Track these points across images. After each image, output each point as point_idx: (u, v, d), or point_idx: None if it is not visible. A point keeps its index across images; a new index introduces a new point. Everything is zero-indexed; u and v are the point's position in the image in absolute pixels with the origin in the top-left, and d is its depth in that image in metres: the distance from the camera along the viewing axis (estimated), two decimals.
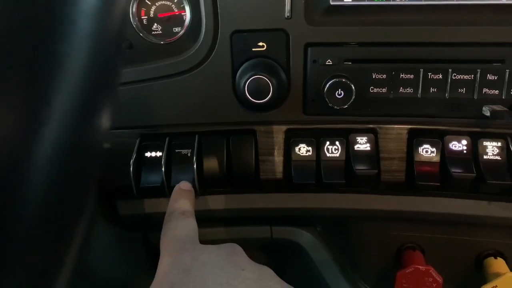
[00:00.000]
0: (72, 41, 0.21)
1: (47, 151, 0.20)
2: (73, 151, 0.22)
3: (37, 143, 0.20)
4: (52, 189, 0.21)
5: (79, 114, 0.22)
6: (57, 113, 0.21)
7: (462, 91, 0.53)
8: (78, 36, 0.22)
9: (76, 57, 0.22)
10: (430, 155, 0.56)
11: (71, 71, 0.21)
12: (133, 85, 0.55)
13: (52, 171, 0.21)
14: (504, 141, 0.55)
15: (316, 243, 0.67)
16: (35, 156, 0.20)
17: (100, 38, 0.24)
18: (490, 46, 0.51)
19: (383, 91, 0.54)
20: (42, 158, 0.20)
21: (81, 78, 0.22)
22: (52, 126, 0.21)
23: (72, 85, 0.22)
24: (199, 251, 0.41)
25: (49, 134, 0.20)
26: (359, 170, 0.55)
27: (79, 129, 0.23)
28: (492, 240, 0.62)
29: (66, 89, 0.21)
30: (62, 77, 0.21)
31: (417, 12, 0.52)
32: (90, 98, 0.23)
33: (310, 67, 0.53)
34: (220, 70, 0.54)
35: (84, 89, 0.22)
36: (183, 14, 0.55)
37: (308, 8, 0.52)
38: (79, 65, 0.22)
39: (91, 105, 0.24)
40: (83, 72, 0.22)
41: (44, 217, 0.21)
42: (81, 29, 0.22)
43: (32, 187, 0.20)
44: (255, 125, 0.57)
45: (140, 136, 0.57)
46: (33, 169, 0.20)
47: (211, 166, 0.57)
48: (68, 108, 0.21)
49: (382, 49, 0.53)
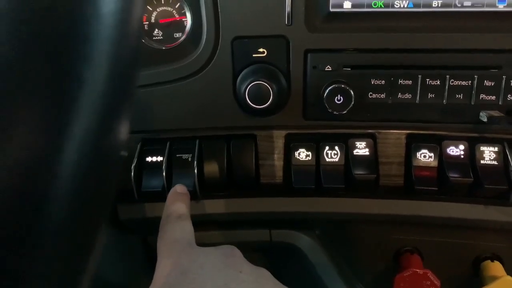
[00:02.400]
0: (93, 54, 0.22)
1: (70, 164, 0.21)
2: (94, 162, 0.23)
3: (61, 156, 0.21)
4: (75, 201, 0.22)
5: (100, 127, 0.23)
6: (79, 127, 0.21)
7: (459, 97, 0.53)
8: (99, 50, 0.22)
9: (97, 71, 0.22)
10: (428, 160, 0.56)
11: (92, 85, 0.22)
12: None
13: (75, 183, 0.21)
14: (501, 146, 0.55)
15: (315, 247, 0.67)
16: (58, 169, 0.20)
17: (120, 53, 0.24)
18: (487, 53, 0.52)
19: (381, 96, 0.54)
20: (66, 171, 0.21)
21: (102, 93, 0.23)
22: (75, 139, 0.21)
23: (93, 100, 0.22)
24: (197, 253, 0.42)
25: (72, 147, 0.21)
26: (358, 175, 0.56)
27: (100, 141, 0.23)
28: (489, 244, 0.63)
29: (88, 104, 0.22)
30: (84, 93, 0.22)
31: (415, 19, 0.52)
32: (110, 111, 0.24)
33: (310, 73, 0.54)
34: (221, 76, 0.55)
35: (105, 103, 0.23)
36: (184, 20, 0.56)
37: (308, 15, 0.52)
38: (100, 78, 0.23)
39: (111, 118, 0.24)
40: (104, 86, 0.23)
41: (67, 228, 0.22)
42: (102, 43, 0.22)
43: (56, 199, 0.20)
44: (256, 130, 0.58)
45: (141, 141, 0.58)
46: (57, 182, 0.20)
47: (212, 170, 0.57)
48: (90, 121, 0.22)
49: (381, 56, 0.53)
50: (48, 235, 0.20)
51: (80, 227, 0.23)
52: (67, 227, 0.22)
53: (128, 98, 0.26)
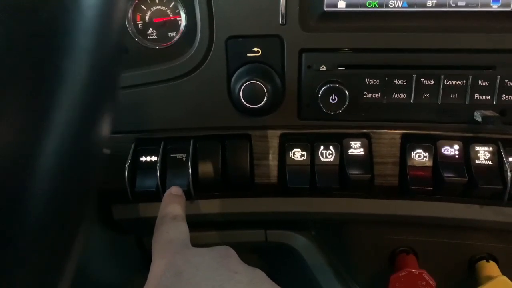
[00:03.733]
0: (74, 49, 0.22)
1: (49, 159, 0.21)
2: (74, 158, 0.23)
3: (39, 151, 0.20)
4: (54, 196, 0.21)
5: (81, 122, 0.23)
6: (59, 122, 0.21)
7: (454, 97, 0.53)
8: (80, 44, 0.22)
9: (78, 65, 0.22)
10: (422, 160, 0.56)
11: (72, 80, 0.22)
12: (128, 90, 0.55)
13: (54, 179, 0.21)
14: (495, 146, 0.55)
15: (310, 247, 0.67)
16: (37, 164, 0.20)
17: (101, 45, 0.24)
18: (481, 53, 0.52)
19: (376, 96, 0.54)
20: (45, 166, 0.21)
21: (83, 87, 0.22)
22: (54, 134, 0.21)
23: (73, 94, 0.22)
24: (192, 254, 0.42)
25: (51, 142, 0.21)
26: (353, 175, 0.56)
27: (81, 137, 0.23)
28: (484, 244, 0.63)
29: (68, 99, 0.22)
30: (64, 87, 0.21)
31: (410, 19, 0.52)
32: (91, 106, 0.24)
33: (305, 72, 0.54)
34: (215, 75, 0.55)
35: (85, 98, 0.23)
36: (179, 19, 0.56)
37: (303, 14, 0.52)
38: (81, 73, 0.22)
39: (92, 113, 0.24)
40: (84, 80, 0.23)
41: (46, 224, 0.22)
42: (83, 37, 0.22)
43: (35, 194, 0.20)
44: (250, 130, 0.58)
45: (135, 141, 0.58)
46: (35, 176, 0.20)
47: (206, 170, 0.57)
48: (70, 116, 0.22)
49: (376, 55, 0.53)
50: (26, 230, 0.20)
51: (60, 223, 0.23)
52: (45, 222, 0.21)
53: (110, 94, 0.26)
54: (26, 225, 0.20)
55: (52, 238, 0.22)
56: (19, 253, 0.20)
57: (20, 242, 0.20)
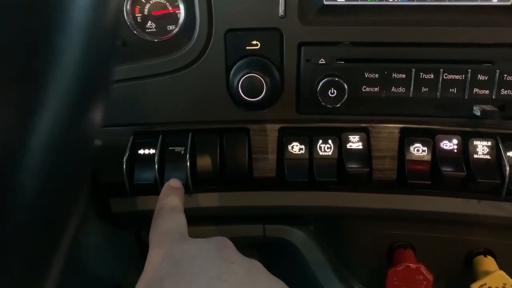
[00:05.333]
0: (65, 39, 0.22)
1: (39, 149, 0.21)
2: (65, 148, 0.23)
3: (29, 140, 0.20)
4: (44, 185, 0.21)
5: (72, 112, 0.23)
6: (49, 110, 0.21)
7: (453, 91, 0.53)
8: (71, 35, 0.22)
9: (69, 55, 0.22)
10: (421, 154, 0.56)
11: (63, 69, 0.22)
12: (127, 83, 0.55)
13: (44, 168, 0.21)
14: (494, 141, 0.55)
15: (308, 242, 0.67)
16: (27, 153, 0.20)
17: (93, 36, 0.24)
18: (480, 47, 0.52)
19: (375, 90, 0.54)
20: (34, 155, 0.20)
21: (74, 76, 0.22)
22: (45, 123, 0.21)
23: (64, 83, 0.22)
24: (189, 244, 0.41)
25: (41, 131, 0.21)
26: (351, 169, 0.56)
27: (72, 127, 0.23)
28: (482, 239, 0.63)
29: (59, 87, 0.21)
30: (55, 76, 0.21)
31: (409, 13, 0.52)
32: (83, 96, 0.23)
33: (304, 66, 0.54)
34: (214, 68, 0.54)
35: (77, 87, 0.23)
36: (177, 12, 0.55)
37: (302, 8, 0.52)
38: (72, 63, 0.22)
39: (83, 103, 0.24)
40: (76, 70, 0.22)
41: (36, 213, 0.21)
42: (74, 28, 0.22)
43: (24, 183, 0.20)
44: (249, 124, 0.58)
45: (134, 134, 0.57)
46: (25, 165, 0.20)
47: (204, 164, 0.57)
48: (61, 105, 0.22)
49: (375, 49, 0.53)
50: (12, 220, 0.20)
51: (48, 214, 0.23)
52: (33, 213, 0.21)
53: (104, 80, 0.26)
54: (14, 213, 0.20)
55: (40, 227, 0.22)
56: (5, 240, 0.20)
57: (6, 229, 0.20)
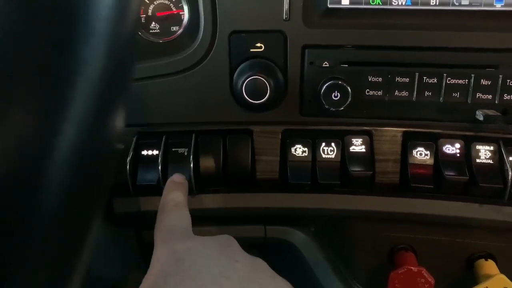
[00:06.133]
0: (91, 37, 0.22)
1: (64, 153, 0.21)
2: (90, 150, 0.23)
3: (56, 142, 0.20)
4: (68, 189, 0.21)
5: (97, 114, 0.23)
6: (76, 113, 0.21)
7: (456, 95, 0.53)
8: (97, 33, 0.22)
9: (95, 54, 0.22)
10: (424, 158, 0.56)
11: (90, 69, 0.22)
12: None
13: (69, 171, 0.21)
14: (496, 145, 0.55)
15: (310, 243, 0.67)
16: (53, 157, 0.20)
17: (118, 34, 0.24)
18: (484, 52, 0.52)
19: (378, 93, 0.54)
20: (60, 160, 0.20)
21: (100, 77, 0.22)
22: (71, 125, 0.21)
23: (88, 88, 0.22)
24: (194, 242, 0.42)
25: (68, 133, 0.21)
26: (354, 172, 0.56)
27: (97, 129, 0.23)
28: (483, 242, 0.63)
29: (83, 95, 0.21)
30: (81, 77, 0.21)
31: (413, 17, 0.52)
32: (106, 100, 0.24)
33: (307, 68, 0.54)
34: (217, 70, 0.55)
35: (100, 94, 0.23)
36: (181, 14, 0.55)
37: (306, 10, 0.52)
38: (98, 63, 0.22)
39: (106, 108, 0.24)
40: (101, 70, 0.22)
41: (60, 217, 0.22)
42: (99, 25, 0.22)
43: (51, 185, 0.20)
44: (252, 125, 0.58)
45: (137, 134, 0.58)
46: (51, 169, 0.20)
47: (208, 165, 0.57)
48: (87, 107, 0.22)
49: (378, 53, 0.53)
50: (39, 224, 0.20)
51: (73, 218, 0.23)
52: (59, 217, 0.21)
53: (125, 84, 0.26)
54: (39, 217, 0.20)
55: (64, 234, 0.22)
56: (29, 247, 0.20)
57: (32, 236, 0.20)
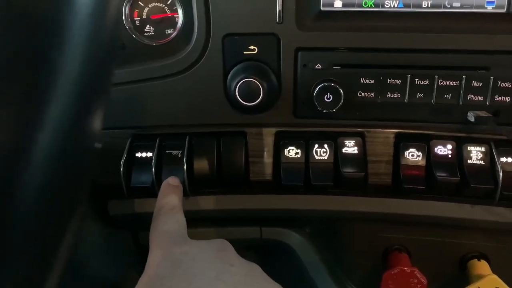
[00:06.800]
0: (67, 46, 0.22)
1: (42, 153, 0.21)
2: (67, 152, 0.23)
3: (32, 145, 0.21)
4: (47, 189, 0.22)
5: (73, 117, 0.23)
6: (52, 116, 0.21)
7: (448, 97, 0.54)
8: (73, 41, 0.22)
9: (71, 62, 0.22)
10: (416, 159, 0.57)
11: (65, 76, 0.22)
12: (125, 86, 0.55)
13: (47, 173, 0.22)
14: (487, 146, 0.56)
15: (305, 244, 0.68)
16: (30, 158, 0.21)
17: (94, 42, 0.24)
18: (475, 54, 0.53)
19: (371, 95, 0.55)
20: (38, 160, 0.21)
21: (76, 82, 0.23)
22: (48, 128, 0.21)
23: (66, 89, 0.22)
24: (189, 245, 0.42)
25: (45, 136, 0.21)
26: (347, 173, 0.56)
27: (73, 131, 0.23)
28: (476, 243, 0.63)
29: (61, 94, 0.22)
30: (57, 83, 0.22)
31: (405, 19, 0.53)
32: (84, 101, 0.24)
33: (300, 71, 0.54)
34: (211, 72, 0.55)
35: (78, 93, 0.23)
36: (176, 16, 0.56)
37: (299, 13, 0.52)
38: (74, 69, 0.23)
39: (84, 109, 0.24)
40: (77, 76, 0.23)
41: (38, 216, 0.22)
42: (76, 34, 0.22)
43: (28, 187, 0.21)
44: (246, 127, 0.58)
45: (131, 137, 0.58)
46: (29, 170, 0.21)
47: (202, 167, 0.57)
48: (63, 111, 0.22)
49: (371, 55, 0.54)
50: (17, 222, 0.21)
51: (52, 215, 0.23)
52: (37, 214, 0.22)
53: (103, 89, 0.26)
54: (17, 217, 0.21)
55: (43, 230, 0.23)
56: (8, 241, 0.20)
57: (10, 231, 0.21)
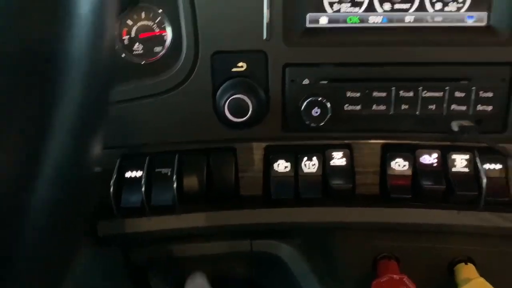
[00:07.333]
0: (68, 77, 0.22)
1: (45, 183, 0.21)
2: (70, 180, 0.23)
3: (35, 177, 0.21)
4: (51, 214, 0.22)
5: (75, 146, 0.23)
6: (53, 147, 0.22)
7: (432, 108, 0.55)
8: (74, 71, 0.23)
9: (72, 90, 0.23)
10: (402, 169, 0.58)
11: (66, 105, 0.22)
12: (113, 105, 0.55)
13: (51, 198, 0.22)
14: (471, 154, 0.57)
15: (295, 256, 0.68)
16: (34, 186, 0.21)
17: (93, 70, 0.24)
18: (457, 65, 0.54)
19: (357, 108, 0.56)
20: (42, 186, 0.21)
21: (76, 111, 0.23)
22: (50, 159, 0.21)
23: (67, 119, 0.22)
24: None
25: (47, 167, 0.21)
26: (335, 185, 0.57)
27: (75, 160, 0.24)
28: (463, 247, 0.65)
29: (63, 117, 0.22)
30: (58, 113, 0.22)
31: (389, 34, 0.54)
32: (85, 129, 0.24)
33: (288, 86, 0.55)
34: (200, 90, 0.55)
35: (79, 122, 0.23)
36: (164, 35, 0.56)
37: (286, 30, 0.53)
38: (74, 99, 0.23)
39: (86, 135, 0.24)
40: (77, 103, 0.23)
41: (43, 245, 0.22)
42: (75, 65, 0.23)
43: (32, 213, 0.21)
44: (235, 143, 0.58)
45: (121, 156, 0.58)
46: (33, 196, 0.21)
47: (191, 184, 0.58)
48: (64, 141, 0.22)
49: (356, 69, 0.55)
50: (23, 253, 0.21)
51: (58, 242, 0.23)
52: (43, 242, 0.22)
53: (103, 114, 0.27)
54: (23, 248, 0.21)
55: (49, 256, 0.23)
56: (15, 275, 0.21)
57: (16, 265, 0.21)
